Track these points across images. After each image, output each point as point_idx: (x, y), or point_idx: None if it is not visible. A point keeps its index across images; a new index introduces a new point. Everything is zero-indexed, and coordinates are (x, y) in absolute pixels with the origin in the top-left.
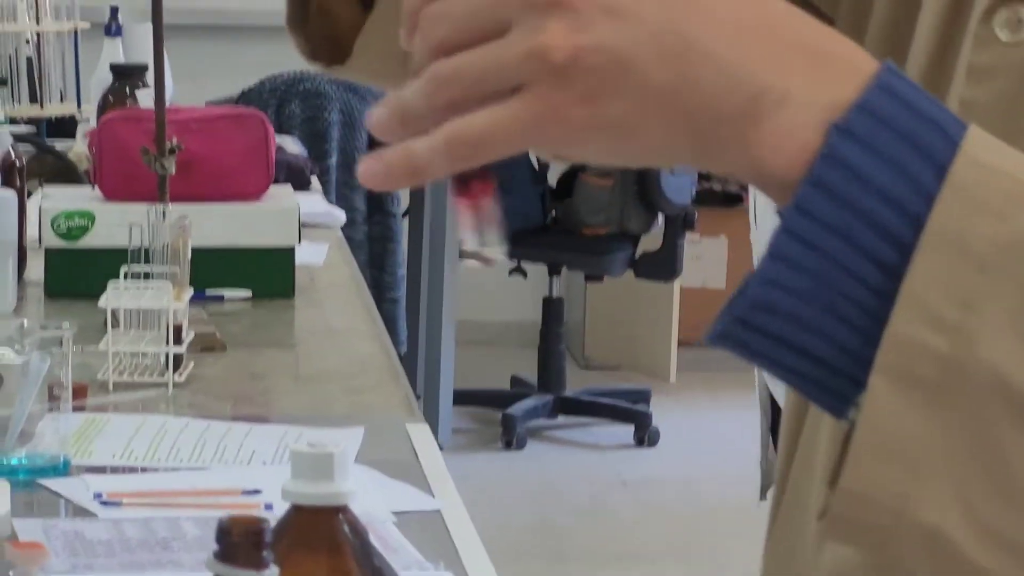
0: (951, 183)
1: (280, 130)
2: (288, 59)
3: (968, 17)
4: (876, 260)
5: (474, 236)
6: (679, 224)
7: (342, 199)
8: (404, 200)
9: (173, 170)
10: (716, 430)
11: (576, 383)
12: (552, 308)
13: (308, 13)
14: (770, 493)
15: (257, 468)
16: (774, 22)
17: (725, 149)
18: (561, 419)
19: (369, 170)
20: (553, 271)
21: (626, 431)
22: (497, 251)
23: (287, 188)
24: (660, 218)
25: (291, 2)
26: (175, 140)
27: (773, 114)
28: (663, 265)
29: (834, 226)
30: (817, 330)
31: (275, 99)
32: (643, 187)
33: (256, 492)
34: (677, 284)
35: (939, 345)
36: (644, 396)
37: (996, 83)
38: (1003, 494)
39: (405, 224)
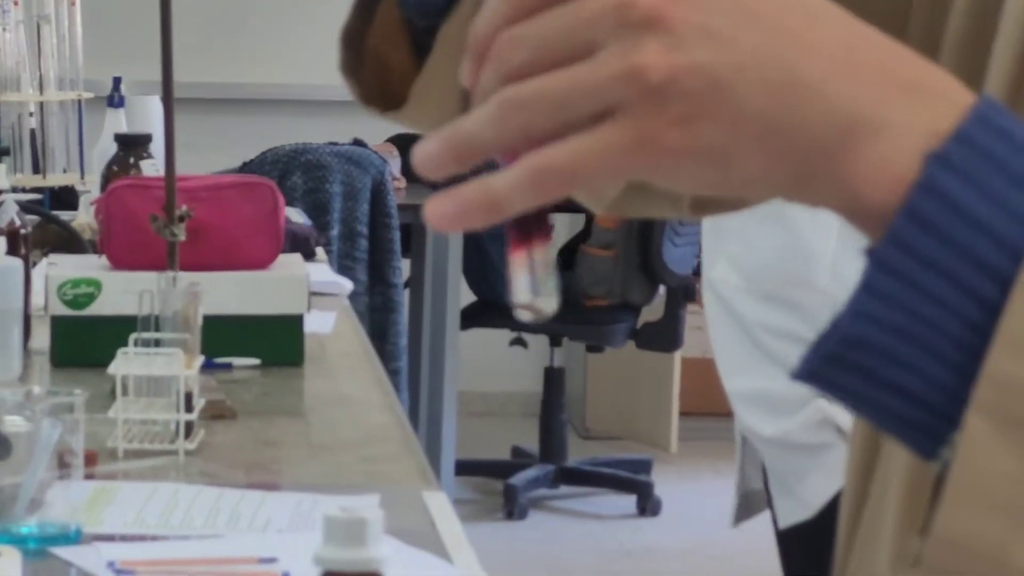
0: None
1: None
2: (289, 131)
3: None
4: (974, 295)
5: (528, 286)
6: (680, 295)
7: (344, 270)
8: (405, 271)
9: (183, 236)
10: (718, 500)
11: (578, 453)
12: (553, 378)
13: (363, 59)
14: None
15: (273, 536)
16: (870, 52)
17: (821, 179)
18: (563, 489)
19: (438, 211)
20: (554, 342)
21: (628, 501)
22: (552, 301)
23: (296, 257)
24: (662, 289)
25: (345, 47)
26: (185, 207)
27: (870, 144)
28: (665, 336)
29: (930, 259)
30: (911, 367)
31: (277, 171)
32: (645, 258)
33: (272, 560)
34: (678, 355)
35: None
36: (646, 466)
37: None
38: None
39: (407, 295)
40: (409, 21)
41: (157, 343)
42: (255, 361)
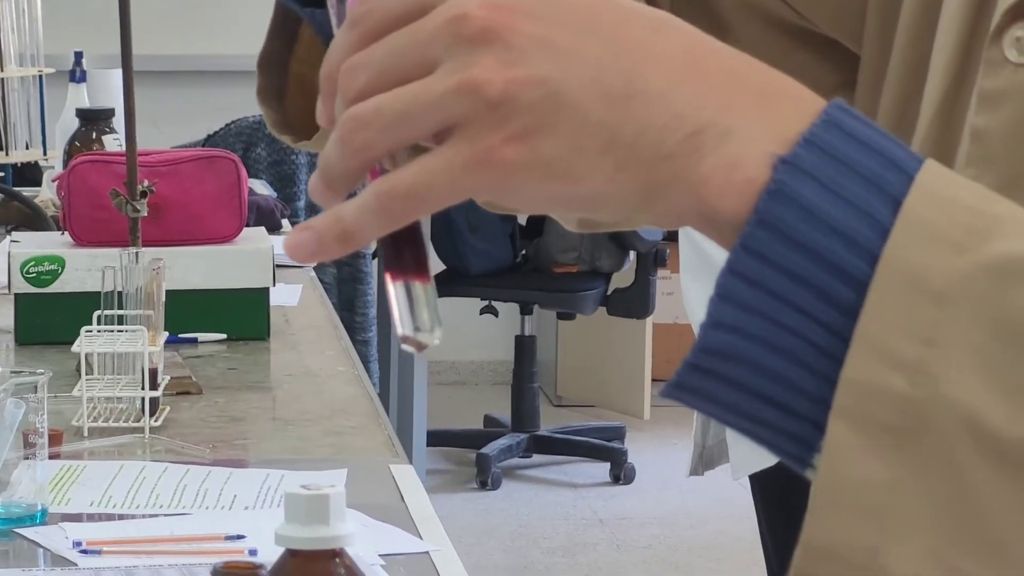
0: (905, 216)
1: (247, 174)
2: (253, 103)
3: (983, 41)
4: (831, 299)
5: (408, 319)
6: (651, 261)
7: None
8: (372, 241)
9: (145, 212)
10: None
11: (550, 421)
12: (524, 347)
13: (284, 85)
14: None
15: (239, 513)
16: (717, 60)
17: (671, 190)
18: (536, 458)
19: (297, 243)
20: (525, 310)
21: (601, 469)
22: (434, 335)
23: (260, 230)
24: (631, 255)
25: (262, 73)
26: (147, 183)
27: (716, 149)
28: (635, 302)
29: (784, 265)
30: (776, 375)
31: (241, 143)
32: None
33: (240, 537)
34: (650, 321)
35: (900, 385)
36: (619, 433)
37: (1006, 109)
38: (979, 542)
39: (375, 265)
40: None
41: (121, 320)
42: (220, 336)
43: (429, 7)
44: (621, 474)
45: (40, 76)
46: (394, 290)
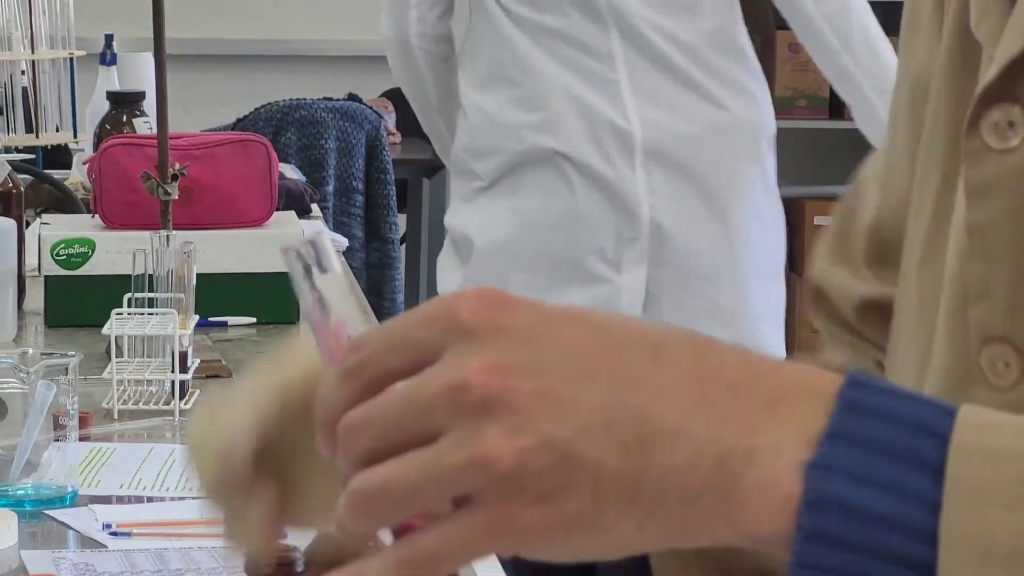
0: (951, 485)
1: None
2: (283, 87)
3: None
4: None
5: None
6: None
7: (340, 226)
8: (402, 226)
9: (176, 195)
10: None
11: None
12: None
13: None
14: None
15: None
16: (721, 377)
17: (704, 527)
18: None
19: None
20: None
21: None
22: None
23: (290, 214)
24: None
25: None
26: (177, 166)
27: (744, 476)
28: None
29: (842, 569)
30: None
31: (271, 127)
32: None
33: None
34: None
35: None
36: None
37: (998, 200)
38: None
39: (403, 251)
40: None
41: (151, 303)
42: (250, 320)
43: (425, 362)
44: None
45: (71, 59)
46: None
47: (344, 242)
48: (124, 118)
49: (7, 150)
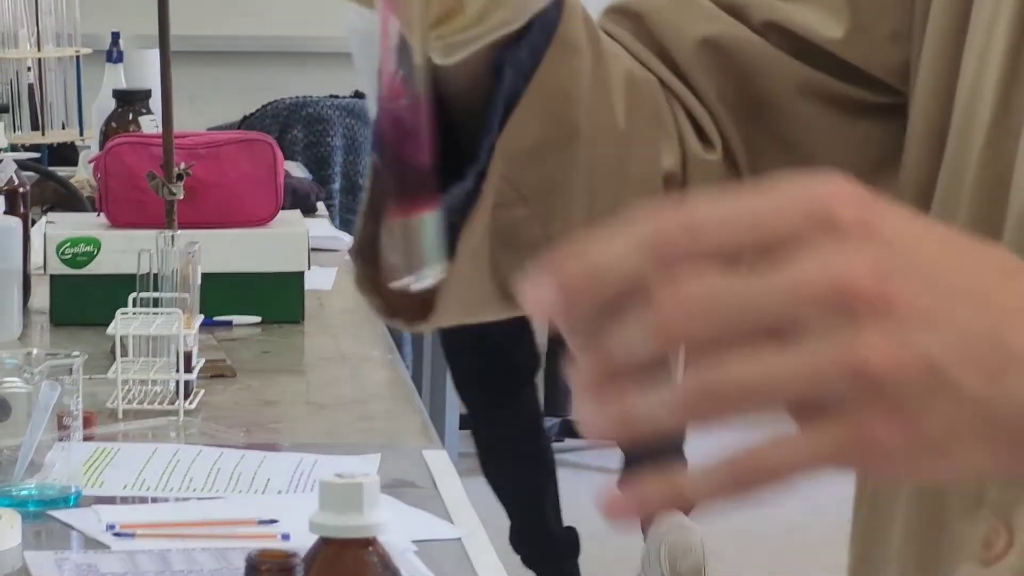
0: None
1: (283, 156)
2: (289, 84)
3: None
4: None
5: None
6: None
7: (346, 224)
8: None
9: (181, 195)
10: (727, 446)
11: None
12: (557, 331)
13: (380, 272)
14: None
15: (272, 497)
16: None
17: None
18: (569, 442)
19: (617, 508)
20: None
21: None
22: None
23: (296, 213)
24: None
25: (361, 261)
26: (183, 165)
27: None
28: None
29: None
30: None
31: (277, 124)
32: None
33: (273, 522)
34: None
35: None
36: None
37: None
38: None
39: None
40: None
41: (156, 302)
42: (255, 319)
43: (776, 249)
44: None
45: (77, 56)
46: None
47: (349, 241)
48: (130, 116)
49: (13, 148)
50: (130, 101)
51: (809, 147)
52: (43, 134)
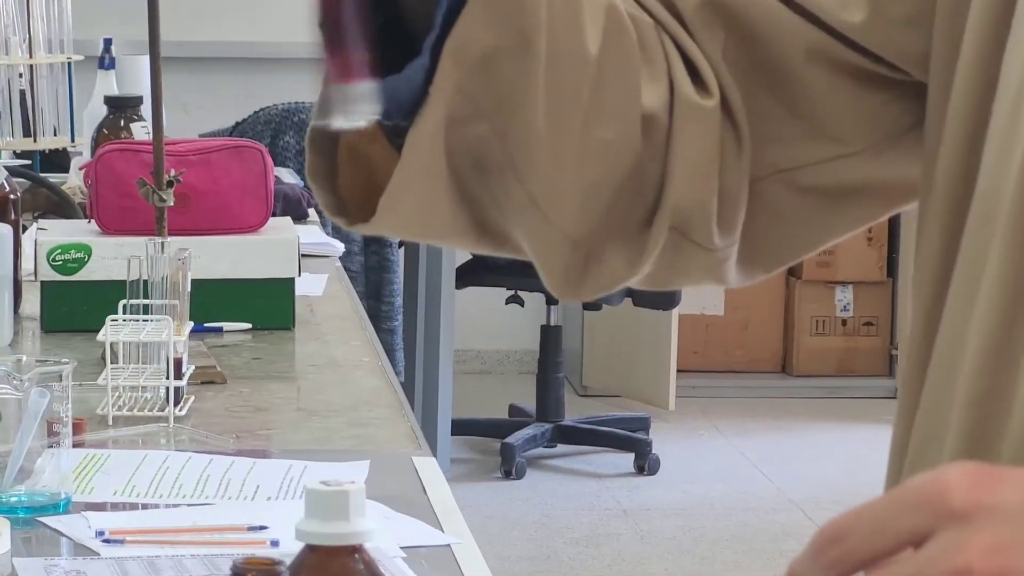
0: None
1: (275, 162)
2: (281, 90)
3: None
4: None
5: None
6: None
7: (338, 230)
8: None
9: (171, 202)
10: (715, 457)
11: (575, 411)
12: (550, 336)
13: (335, 163)
14: None
15: (262, 503)
16: None
17: None
18: (561, 448)
19: None
20: (551, 300)
21: (626, 459)
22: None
23: (286, 220)
24: None
25: (315, 151)
26: (173, 172)
27: None
28: (662, 293)
29: None
30: None
31: (269, 131)
32: None
33: (262, 528)
34: (675, 312)
35: None
36: (643, 424)
37: None
38: None
39: (401, 254)
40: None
41: (146, 309)
42: (245, 325)
43: (911, 545)
44: (645, 465)
45: (69, 63)
46: None
47: (341, 247)
48: (122, 122)
49: (4, 154)
50: (122, 108)
51: (819, 116)
52: (34, 140)
